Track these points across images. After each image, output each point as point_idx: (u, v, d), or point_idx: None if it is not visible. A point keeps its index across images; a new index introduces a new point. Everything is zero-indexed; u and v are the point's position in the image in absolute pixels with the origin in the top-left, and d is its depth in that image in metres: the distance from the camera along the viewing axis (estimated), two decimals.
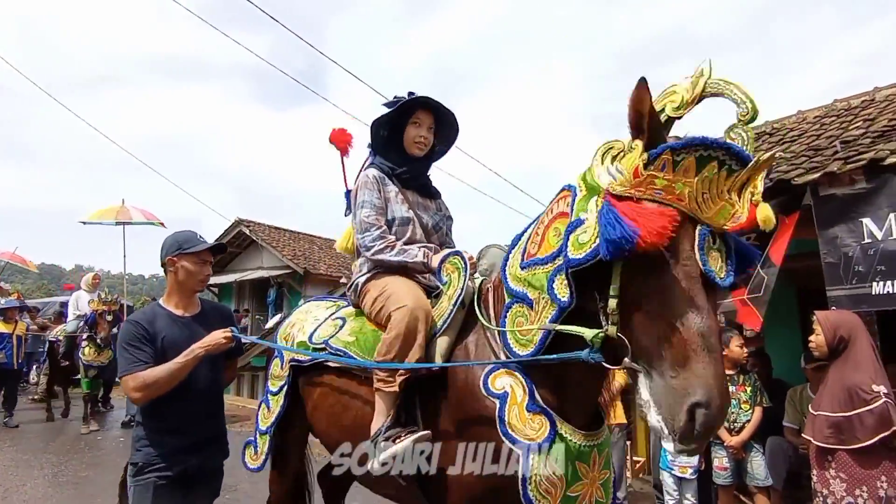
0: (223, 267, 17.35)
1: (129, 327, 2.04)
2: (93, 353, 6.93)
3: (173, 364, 1.95)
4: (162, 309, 2.15)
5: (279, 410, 2.28)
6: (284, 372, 2.31)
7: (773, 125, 6.97)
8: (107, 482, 4.90)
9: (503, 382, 1.64)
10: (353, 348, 2.02)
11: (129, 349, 1.98)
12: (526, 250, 1.66)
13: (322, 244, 18.80)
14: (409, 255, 2.05)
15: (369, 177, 2.17)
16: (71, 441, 6.49)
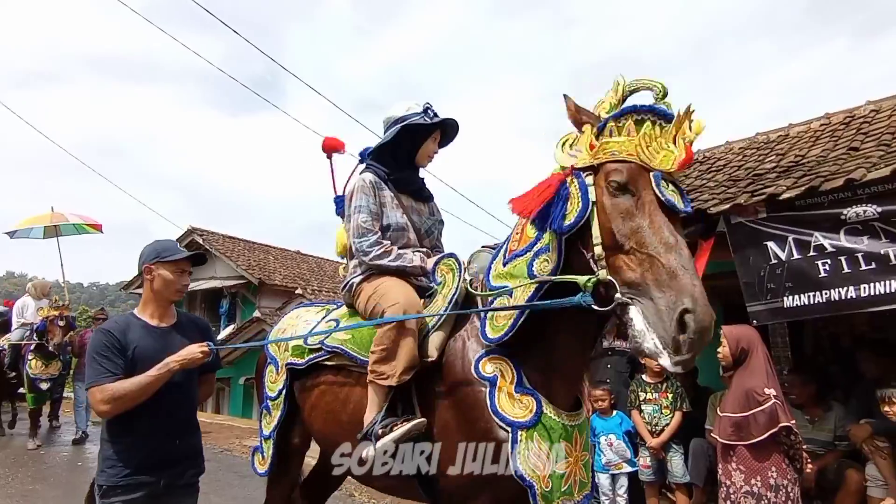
0: None
1: (100, 336, 1.98)
2: (40, 366, 6.62)
3: (145, 377, 1.89)
4: (136, 319, 2.09)
5: (279, 415, 2.37)
6: (281, 376, 2.39)
7: (704, 154, 7.56)
8: (54, 496, 4.86)
9: (493, 367, 1.78)
10: (350, 346, 2.11)
11: (98, 359, 1.92)
12: (507, 249, 1.85)
13: (277, 254, 18.62)
14: (406, 261, 2.14)
15: (365, 181, 2.21)
16: (15, 455, 6.27)
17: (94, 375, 1.90)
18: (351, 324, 2.21)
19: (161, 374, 1.91)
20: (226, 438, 7.67)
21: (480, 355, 1.82)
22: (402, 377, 1.86)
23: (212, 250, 15.55)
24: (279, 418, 2.38)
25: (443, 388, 1.88)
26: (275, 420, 2.39)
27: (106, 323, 2.05)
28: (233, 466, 6.05)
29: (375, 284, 2.10)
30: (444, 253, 2.16)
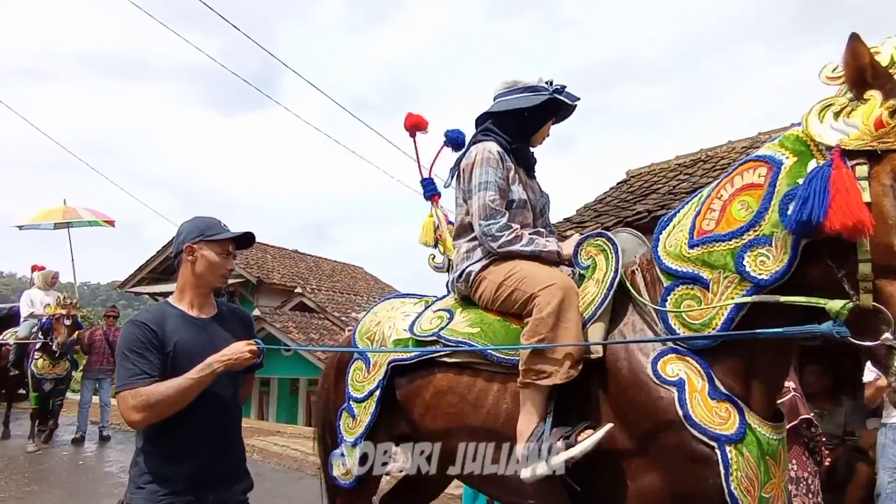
0: (170, 275, 16.77)
1: (134, 330, 1.67)
2: (47, 366, 6.40)
3: (184, 380, 1.60)
4: (173, 308, 1.79)
5: (369, 419, 2.04)
6: (376, 374, 2.06)
7: (707, 153, 7.59)
8: (53, 497, 4.77)
9: (676, 368, 1.46)
10: (479, 340, 1.82)
11: (131, 357, 1.62)
12: (695, 227, 1.51)
13: (275, 253, 18.50)
14: (540, 246, 1.88)
15: (492, 152, 1.94)
16: (10, 456, 6.14)
17: (126, 377, 1.60)
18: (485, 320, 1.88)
19: (203, 377, 1.61)
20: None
21: (658, 354, 1.51)
22: (570, 372, 1.57)
23: None
24: (368, 423, 2.04)
25: (606, 391, 1.59)
26: (363, 425, 2.06)
27: (140, 314, 1.76)
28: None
29: (506, 269, 1.84)
30: (590, 232, 1.86)
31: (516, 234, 1.87)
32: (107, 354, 7.14)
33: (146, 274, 16.27)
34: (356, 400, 2.09)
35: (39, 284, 7.21)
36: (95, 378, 7.18)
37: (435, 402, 1.91)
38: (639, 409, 1.50)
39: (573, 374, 1.57)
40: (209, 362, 1.63)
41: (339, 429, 2.14)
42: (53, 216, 7.50)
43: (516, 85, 2.00)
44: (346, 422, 2.12)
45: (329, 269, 20.74)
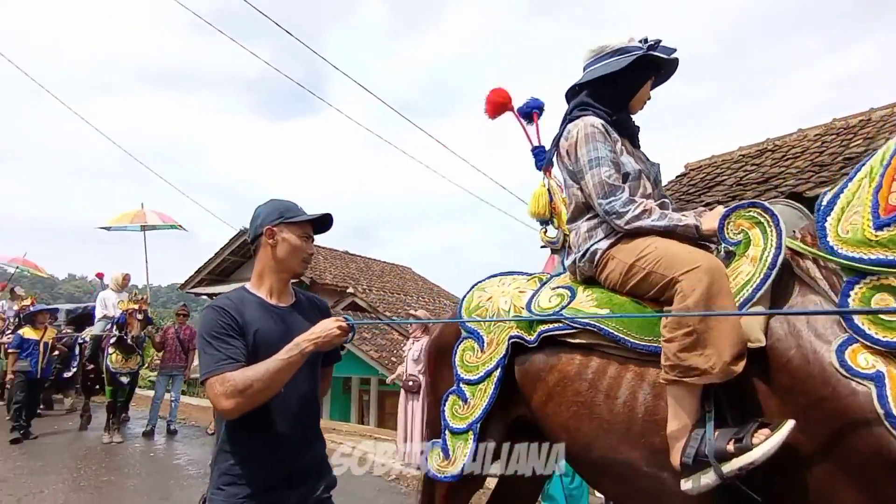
0: (227, 276, 17.41)
1: (214, 315, 1.56)
2: (120, 360, 6.67)
3: (273, 363, 1.46)
4: (251, 295, 1.67)
5: (486, 404, 1.85)
6: (494, 353, 1.88)
7: (775, 142, 7.18)
8: (130, 487, 4.99)
9: (870, 359, 1.24)
10: (611, 323, 1.63)
11: (214, 343, 1.51)
12: (879, 205, 1.30)
13: (326, 254, 18.89)
14: (675, 220, 1.68)
15: (595, 126, 1.81)
16: (87, 447, 6.51)
17: (212, 363, 1.49)
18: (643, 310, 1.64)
19: (293, 358, 1.47)
20: None
21: (844, 342, 1.28)
22: (731, 369, 1.36)
23: None
24: (485, 408, 1.86)
25: (772, 385, 1.37)
26: (478, 410, 1.87)
27: (218, 300, 1.64)
28: None
29: (638, 248, 1.66)
30: (740, 203, 1.64)
31: (644, 207, 1.71)
32: (178, 352, 7.44)
33: (205, 276, 16.96)
34: (468, 382, 1.91)
35: (113, 286, 7.59)
36: (169, 374, 7.48)
37: (560, 388, 1.72)
38: (822, 405, 1.27)
39: (735, 371, 1.36)
40: (297, 342, 1.49)
41: (443, 415, 1.95)
42: (134, 219, 7.91)
43: (604, 50, 1.85)
44: (455, 407, 1.93)
45: (378, 269, 20.99)
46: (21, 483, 4.93)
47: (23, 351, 6.90)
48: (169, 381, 7.49)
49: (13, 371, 6.90)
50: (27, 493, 4.62)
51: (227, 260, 16.94)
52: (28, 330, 7.07)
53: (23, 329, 7.14)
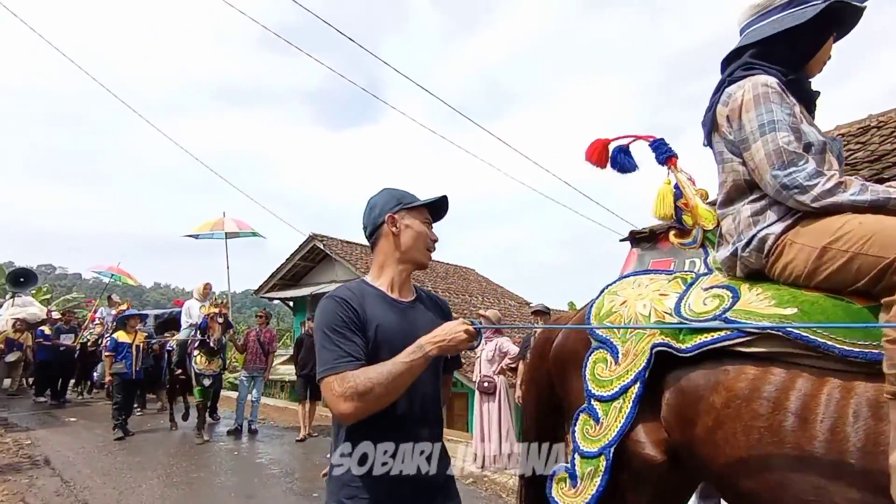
0: (298, 281, 18.05)
1: (333, 306, 1.41)
2: (204, 362, 7.03)
3: (395, 365, 1.31)
4: (371, 288, 1.52)
5: (622, 425, 1.57)
6: (631, 366, 1.60)
7: (878, 119, 6.52)
8: (217, 484, 5.17)
9: None
10: (803, 326, 1.30)
11: (334, 337, 1.37)
12: None
13: None
14: (882, 192, 1.36)
15: (769, 85, 1.50)
16: (177, 445, 6.87)
17: (331, 360, 1.35)
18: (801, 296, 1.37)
19: (416, 362, 1.32)
20: None
21: None
22: None
23: (332, 255, 16.36)
24: (622, 428, 1.57)
25: None
26: (613, 430, 1.59)
27: (338, 290, 1.49)
28: None
29: (830, 228, 1.35)
30: None
31: (838, 180, 1.38)
32: (258, 354, 7.74)
33: (277, 281, 17.65)
34: (601, 399, 1.64)
35: (196, 296, 8.03)
36: (250, 376, 7.78)
37: (733, 411, 1.36)
38: None
39: None
40: (421, 344, 1.34)
41: (574, 436, 1.69)
42: (215, 226, 8.31)
43: (771, 4, 1.56)
44: (586, 427, 1.66)
45: (442, 271, 21.05)
46: (122, 478, 5.23)
47: (118, 354, 7.34)
48: (250, 382, 7.77)
49: (111, 373, 7.36)
50: (127, 488, 4.89)
51: (298, 265, 17.54)
52: (121, 334, 7.50)
53: (116, 333, 7.61)
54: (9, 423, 8.11)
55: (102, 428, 7.53)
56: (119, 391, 7.28)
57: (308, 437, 7.28)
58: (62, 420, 8.48)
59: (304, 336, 7.71)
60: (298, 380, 7.68)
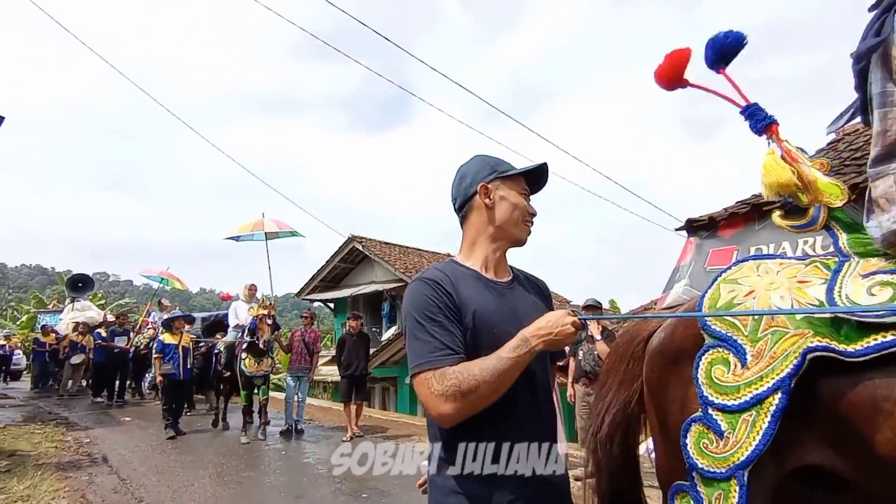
0: (338, 283, 18.25)
1: (426, 290, 1.23)
2: (252, 364, 7.02)
3: (498, 360, 1.14)
4: (463, 268, 1.33)
5: (759, 442, 1.31)
6: (768, 372, 1.33)
7: None
8: (267, 484, 5.19)
9: None
10: None
11: (427, 325, 1.18)
12: None
13: (430, 257, 19.13)
14: None
15: None
16: (227, 445, 6.96)
17: (426, 353, 1.16)
18: None
19: (521, 358, 1.15)
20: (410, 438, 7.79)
21: None
22: None
23: (371, 256, 16.45)
24: (759, 447, 1.32)
25: None
26: (746, 449, 1.33)
27: (426, 271, 1.30)
28: None
29: None
30: None
31: None
32: (304, 354, 7.76)
33: (318, 283, 17.90)
34: (724, 409, 1.38)
35: (243, 298, 8.08)
36: (296, 376, 7.80)
37: None
38: None
39: None
40: (525, 337, 1.17)
41: (686, 450, 1.45)
42: (255, 227, 8.30)
43: None
44: (703, 442, 1.41)
45: None
46: (175, 476, 5.31)
47: (165, 355, 7.51)
48: (296, 383, 7.80)
49: (160, 374, 7.54)
50: (181, 486, 4.95)
51: (338, 267, 17.76)
52: (167, 335, 7.67)
53: (163, 335, 7.78)
54: (70, 422, 8.44)
55: (155, 427, 7.73)
56: (168, 392, 7.48)
57: (353, 438, 7.27)
58: (118, 419, 8.77)
59: (346, 336, 7.70)
60: (343, 381, 7.65)
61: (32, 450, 6.35)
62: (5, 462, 5.63)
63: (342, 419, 9.24)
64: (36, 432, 7.38)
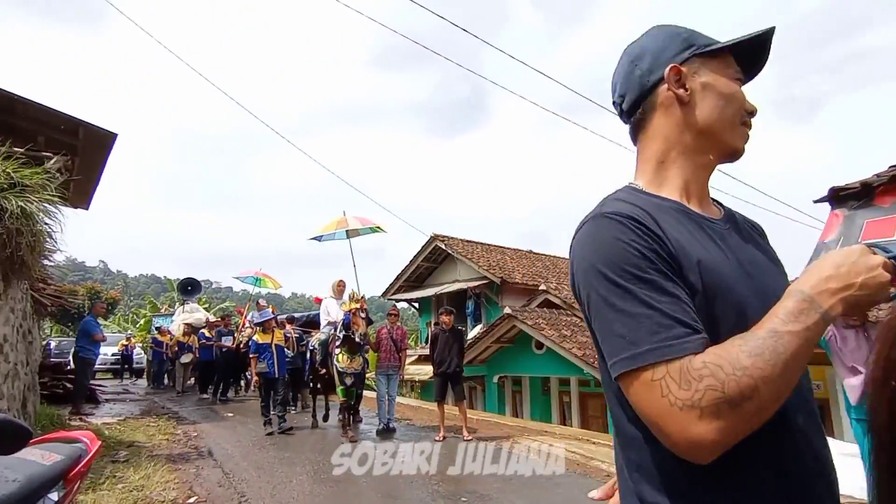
0: (421, 282, 18.31)
1: (615, 230, 0.77)
2: (346, 360, 6.94)
3: (775, 337, 0.66)
4: (658, 199, 0.86)
5: None
6: None
7: None
8: (363, 483, 5.06)
9: None
10: None
11: (636, 287, 0.72)
12: None
13: (512, 255, 18.71)
14: None
15: None
16: (325, 442, 6.99)
17: (644, 334, 0.70)
18: None
19: (811, 329, 0.67)
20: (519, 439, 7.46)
21: None
22: None
23: (454, 254, 16.32)
24: None
25: None
26: None
27: (609, 204, 0.83)
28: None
29: None
30: None
31: None
32: (392, 351, 7.63)
33: (402, 283, 18.05)
34: None
35: (333, 294, 8.02)
36: (385, 374, 7.69)
37: None
38: None
39: None
40: (807, 295, 0.69)
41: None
42: (339, 225, 8.18)
43: None
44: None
45: (566, 266, 20.24)
46: (274, 472, 5.33)
47: (260, 354, 7.67)
48: (386, 381, 7.69)
49: (256, 373, 7.75)
50: (280, 483, 4.95)
51: (421, 267, 17.82)
52: (260, 335, 7.82)
53: (256, 335, 7.97)
54: (180, 416, 8.95)
55: (254, 423, 7.96)
56: (263, 389, 7.66)
57: (445, 439, 7.04)
58: (221, 415, 9.18)
59: (438, 332, 7.46)
60: (436, 379, 7.43)
61: (147, 441, 6.72)
62: (125, 452, 5.96)
63: (433, 418, 9.09)
64: (151, 425, 7.86)
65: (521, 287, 15.07)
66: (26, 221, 5.09)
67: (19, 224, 5.01)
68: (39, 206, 5.24)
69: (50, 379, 9.77)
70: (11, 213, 4.91)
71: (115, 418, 8.37)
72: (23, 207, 5.04)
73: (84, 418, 8.01)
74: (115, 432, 7.13)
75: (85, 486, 4.35)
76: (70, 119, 10.73)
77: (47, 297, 8.74)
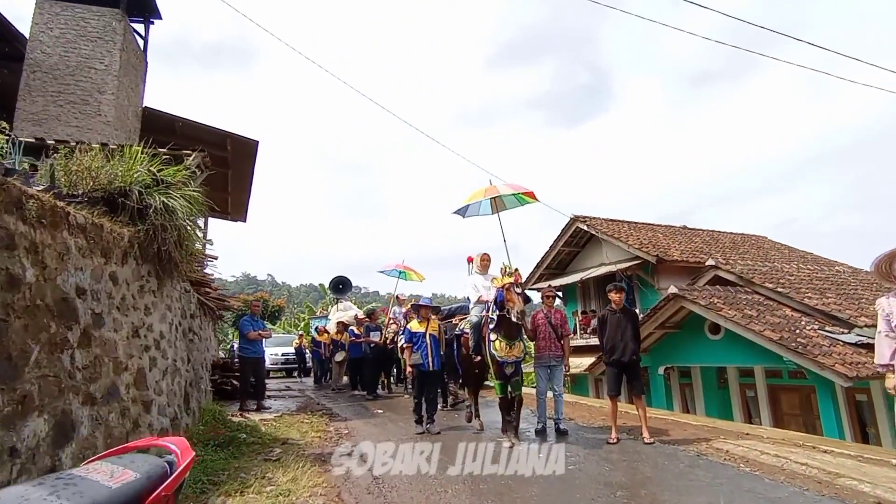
0: (563, 269, 17.03)
1: None
2: (504, 348, 5.72)
3: None
4: None
5: None
6: None
7: None
8: (532, 494, 4.19)
9: None
10: None
11: None
12: None
13: (665, 231, 16.63)
14: None
15: None
16: (483, 445, 5.89)
17: None
18: None
19: None
20: (690, 438, 6.09)
21: None
22: None
23: (598, 235, 14.83)
24: None
25: None
26: None
27: None
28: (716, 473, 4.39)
29: None
30: None
31: None
32: (552, 339, 6.53)
33: (543, 271, 16.94)
34: None
35: (477, 269, 6.85)
36: (546, 366, 6.62)
37: None
38: None
39: None
40: None
41: None
42: (483, 194, 7.08)
43: None
44: None
45: (728, 241, 17.61)
46: (427, 479, 4.67)
47: (414, 345, 6.91)
48: (547, 374, 6.62)
49: (410, 365, 6.99)
50: (433, 492, 4.31)
51: (562, 252, 16.55)
52: (414, 324, 7.11)
53: (410, 324, 7.30)
54: (333, 412, 8.88)
55: (404, 421, 7.50)
56: (416, 384, 7.04)
57: (620, 441, 5.89)
58: (372, 412, 8.94)
59: (607, 313, 6.27)
60: (608, 369, 6.23)
61: (301, 438, 6.54)
62: (278, 450, 5.78)
63: (594, 416, 7.92)
64: (304, 422, 7.80)
65: (680, 265, 13.15)
66: (169, 217, 5.06)
67: (163, 220, 4.99)
68: (181, 203, 5.20)
69: (220, 377, 10.44)
70: (155, 209, 4.89)
71: (272, 415, 8.52)
72: (165, 203, 5.02)
73: (244, 415, 8.23)
74: (270, 428, 7.12)
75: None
76: (218, 132, 11.56)
77: (212, 300, 9.26)
